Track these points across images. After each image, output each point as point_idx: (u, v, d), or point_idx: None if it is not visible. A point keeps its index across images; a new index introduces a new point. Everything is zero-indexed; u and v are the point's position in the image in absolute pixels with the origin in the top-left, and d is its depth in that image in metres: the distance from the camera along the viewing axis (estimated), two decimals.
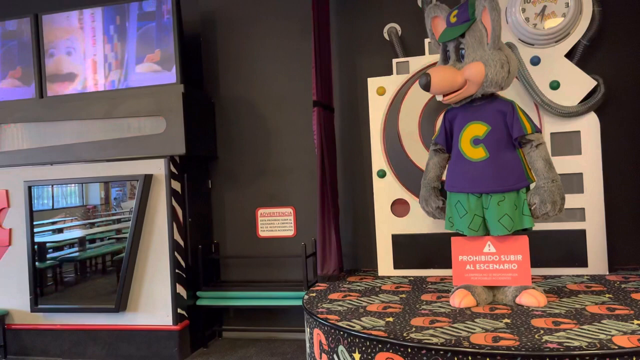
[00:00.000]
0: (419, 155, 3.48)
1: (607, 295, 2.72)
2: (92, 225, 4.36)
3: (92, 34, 4.00)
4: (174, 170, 3.85)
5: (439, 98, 2.77)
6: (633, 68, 3.43)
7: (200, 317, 4.06)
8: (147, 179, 3.82)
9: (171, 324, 3.80)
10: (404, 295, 3.00)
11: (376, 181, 3.66)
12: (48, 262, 4.28)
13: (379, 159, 3.65)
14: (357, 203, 4.00)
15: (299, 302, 3.23)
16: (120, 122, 3.93)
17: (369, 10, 3.99)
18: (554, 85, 3.29)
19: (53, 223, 4.33)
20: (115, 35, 3.98)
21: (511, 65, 2.64)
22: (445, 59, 2.82)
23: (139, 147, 3.86)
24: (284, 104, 4.20)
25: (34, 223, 4.15)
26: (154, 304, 3.85)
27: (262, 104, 4.26)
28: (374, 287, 3.28)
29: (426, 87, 2.64)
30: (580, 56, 3.34)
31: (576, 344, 1.99)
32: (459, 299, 2.65)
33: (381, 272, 3.64)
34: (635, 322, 2.23)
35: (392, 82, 3.63)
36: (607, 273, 3.23)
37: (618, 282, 3.00)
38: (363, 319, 2.54)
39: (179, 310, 3.83)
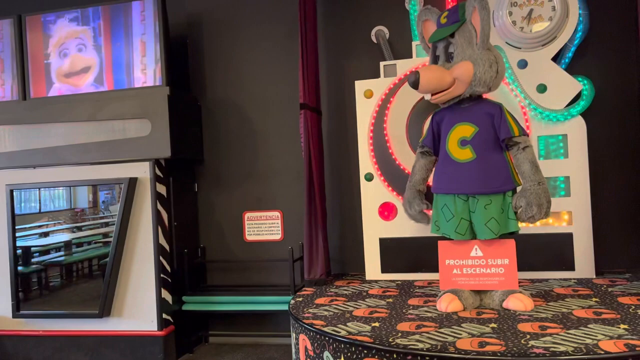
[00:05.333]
0: (407, 158, 3.46)
1: (594, 299, 2.71)
2: (78, 228, 4.30)
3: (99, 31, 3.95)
4: (159, 173, 3.80)
5: (427, 97, 2.76)
6: (619, 71, 3.43)
7: (185, 322, 4.00)
8: (132, 183, 3.76)
9: (156, 329, 3.74)
10: (390, 300, 2.97)
11: (364, 184, 3.64)
12: (32, 266, 4.21)
13: (366, 162, 3.63)
14: (345, 206, 3.97)
15: (285, 307, 3.19)
16: (105, 124, 3.87)
17: (356, 13, 3.97)
18: (541, 89, 3.29)
19: (39, 227, 4.26)
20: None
21: (499, 65, 2.64)
22: (435, 60, 2.82)
23: (124, 150, 3.80)
24: (271, 106, 4.17)
25: (19, 227, 4.07)
26: (138, 309, 3.78)
27: (249, 106, 4.22)
28: (361, 291, 3.25)
29: (415, 84, 2.63)
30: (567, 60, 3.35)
31: (562, 349, 1.97)
32: (446, 304, 2.63)
33: (368, 276, 3.61)
34: (622, 326, 2.22)
35: (379, 85, 3.61)
36: (594, 276, 3.23)
37: (605, 286, 3.00)
38: (349, 324, 2.51)
39: (164, 316, 3.77)
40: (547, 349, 1.98)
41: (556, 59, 3.33)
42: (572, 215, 3.26)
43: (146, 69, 3.85)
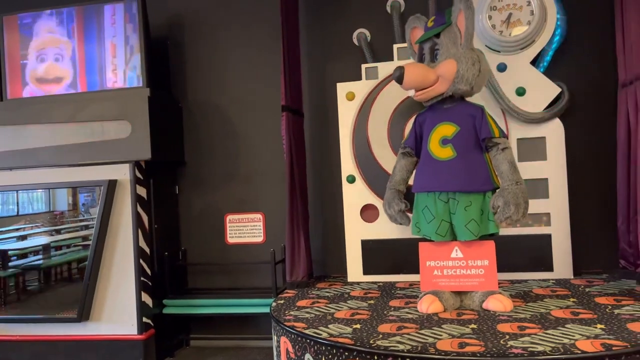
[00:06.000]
0: (388, 160, 3.47)
1: (572, 300, 2.75)
2: (57, 231, 4.23)
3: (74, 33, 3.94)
4: (139, 175, 3.76)
5: (411, 93, 2.79)
6: (596, 74, 3.49)
7: (166, 326, 3.96)
8: (111, 185, 3.72)
9: (136, 333, 3.69)
10: (372, 302, 2.98)
11: (346, 186, 3.64)
12: (9, 270, 4.14)
13: (348, 165, 3.64)
14: (327, 209, 3.97)
15: (267, 310, 3.18)
16: (84, 126, 3.82)
17: (338, 16, 3.98)
18: (520, 92, 3.33)
19: (16, 230, 4.19)
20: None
21: (482, 64, 2.69)
22: (421, 61, 2.87)
23: (103, 151, 3.75)
24: (253, 108, 4.16)
25: None
26: (118, 313, 3.73)
27: (231, 108, 4.21)
28: (342, 293, 3.25)
29: (399, 79, 2.68)
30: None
31: (540, 349, 1.99)
32: (427, 305, 2.64)
33: (350, 278, 3.62)
34: (599, 326, 2.25)
35: (361, 87, 3.62)
36: (572, 277, 3.27)
37: (582, 286, 3.04)
38: (330, 326, 2.50)
39: (145, 319, 3.72)
40: (525, 349, 2.00)
41: (535, 62, 3.38)
42: (550, 216, 3.30)
43: (117, 69, 3.83)
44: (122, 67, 3.82)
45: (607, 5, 3.37)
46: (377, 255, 3.57)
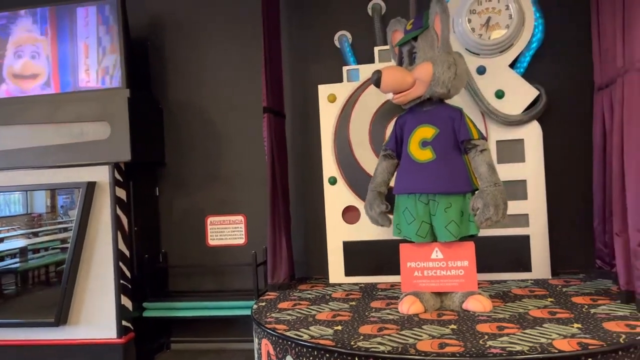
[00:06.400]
0: (370, 162, 3.48)
1: (549, 299, 2.79)
2: (35, 234, 4.16)
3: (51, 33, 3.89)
4: (118, 177, 3.71)
5: (389, 97, 2.82)
6: (573, 78, 3.55)
7: (146, 329, 3.91)
8: (90, 187, 3.66)
9: (115, 337, 3.64)
10: (354, 303, 2.99)
11: (327, 188, 3.65)
12: None
13: (330, 166, 3.64)
14: (309, 210, 3.97)
15: (249, 312, 3.17)
16: (62, 127, 3.76)
17: (319, 18, 3.99)
18: (499, 94, 3.37)
19: None
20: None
21: (458, 68, 2.71)
22: (401, 64, 2.90)
23: (82, 153, 3.70)
24: (235, 109, 4.14)
25: None
26: (97, 317, 3.67)
27: (212, 109, 4.18)
28: (324, 295, 3.26)
29: (377, 83, 2.71)
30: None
31: (518, 348, 2.02)
32: (407, 306, 2.66)
33: (332, 279, 3.62)
34: (575, 325, 2.29)
35: (342, 89, 3.63)
36: (550, 277, 3.32)
37: (560, 286, 3.09)
38: (312, 328, 2.51)
39: (124, 323, 3.67)
40: (504, 348, 2.03)
41: (513, 65, 3.42)
42: (528, 218, 3.35)
43: (89, 70, 3.80)
44: (95, 68, 3.78)
45: (584, 9, 3.42)
46: (359, 256, 3.58)
